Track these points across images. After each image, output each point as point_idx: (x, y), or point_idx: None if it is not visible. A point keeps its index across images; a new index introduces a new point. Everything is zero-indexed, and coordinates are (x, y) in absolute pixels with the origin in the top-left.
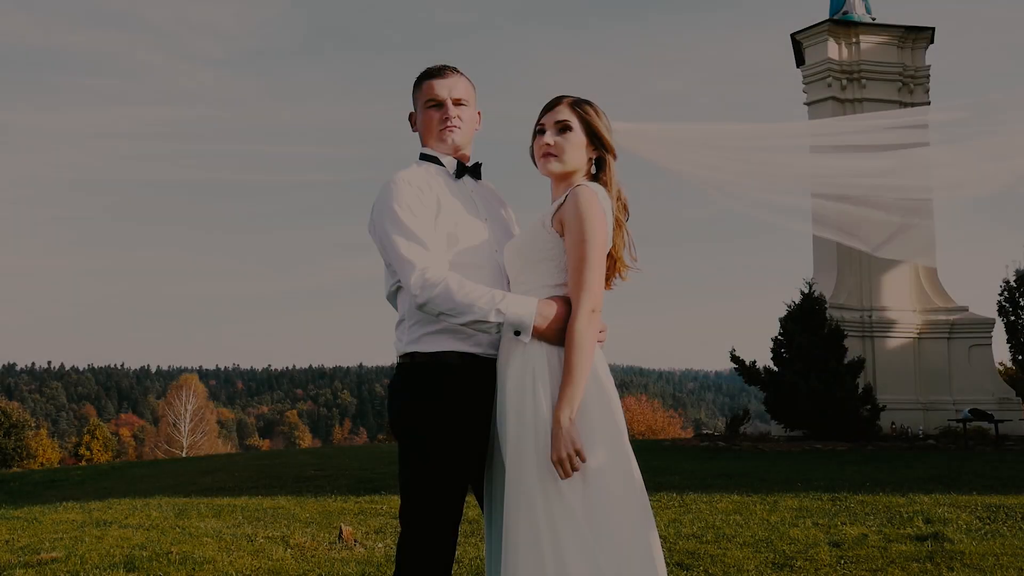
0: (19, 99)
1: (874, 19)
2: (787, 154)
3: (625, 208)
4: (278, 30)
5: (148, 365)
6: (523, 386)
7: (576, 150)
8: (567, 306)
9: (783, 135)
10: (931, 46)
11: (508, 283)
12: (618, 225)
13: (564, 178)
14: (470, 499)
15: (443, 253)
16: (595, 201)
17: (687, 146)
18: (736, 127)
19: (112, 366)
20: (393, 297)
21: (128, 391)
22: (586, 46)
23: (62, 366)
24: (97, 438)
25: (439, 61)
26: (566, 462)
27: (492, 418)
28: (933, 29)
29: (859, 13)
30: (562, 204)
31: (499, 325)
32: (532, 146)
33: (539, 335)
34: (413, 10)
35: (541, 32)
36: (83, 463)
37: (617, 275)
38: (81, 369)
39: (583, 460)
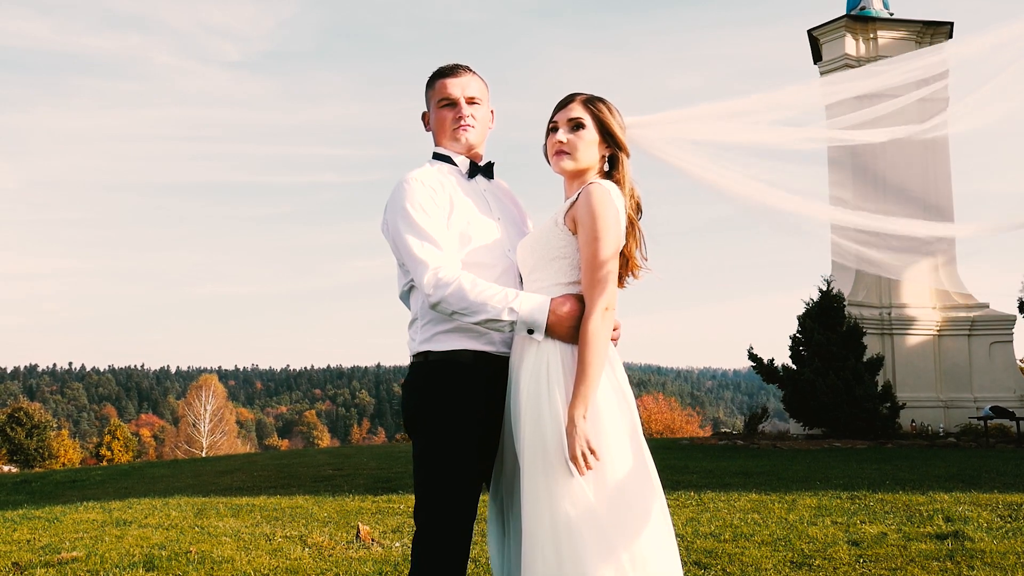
0: (38, 102)
1: (892, 14)
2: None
3: (638, 207)
4: (294, 31)
5: (168, 366)
6: (538, 384)
7: (589, 148)
8: (580, 304)
9: (795, 102)
10: (949, 41)
11: (521, 282)
12: (631, 224)
13: (577, 176)
14: (486, 498)
15: (456, 252)
16: (608, 199)
17: (701, 148)
18: (747, 100)
19: (132, 367)
20: (406, 296)
21: (148, 392)
22: (601, 44)
23: (83, 367)
24: (118, 438)
25: (454, 60)
26: (580, 460)
27: (505, 416)
28: (952, 24)
29: (876, 8)
30: (575, 202)
31: (512, 324)
32: (545, 144)
33: (553, 333)
34: (427, 9)
35: (555, 30)
36: (104, 463)
37: (630, 274)
38: (102, 370)
39: (596, 458)
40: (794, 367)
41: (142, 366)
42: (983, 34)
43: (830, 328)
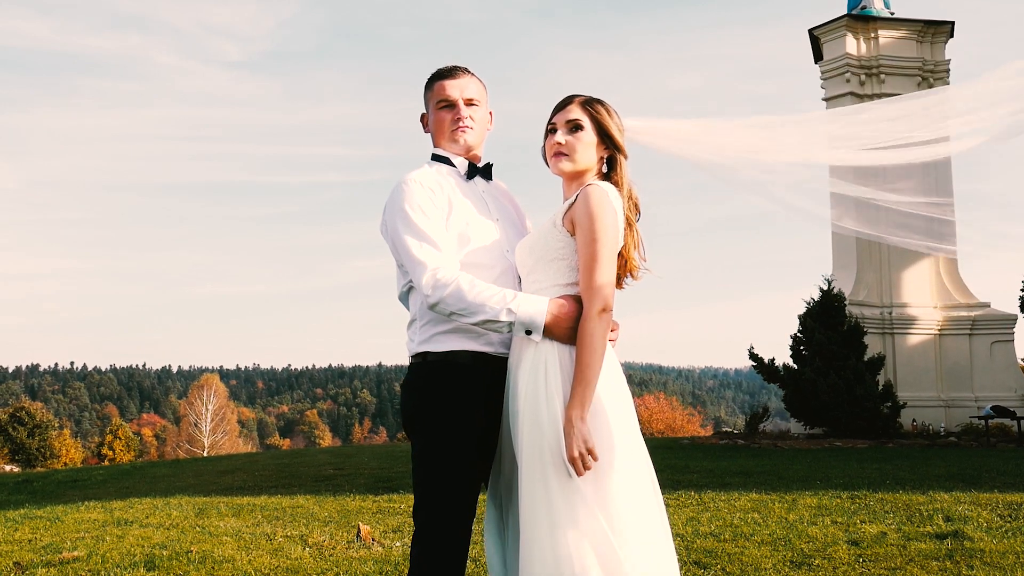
0: (38, 102)
1: (892, 13)
2: (804, 142)
3: (636, 207)
4: (294, 31)
5: (169, 365)
6: (536, 385)
7: (587, 149)
8: (578, 305)
9: (798, 133)
10: (951, 40)
11: (519, 283)
12: (629, 225)
13: (575, 177)
14: (485, 498)
15: (454, 253)
16: (606, 200)
17: (702, 141)
18: (749, 122)
19: (134, 366)
20: (405, 297)
21: (150, 391)
22: (601, 44)
23: (84, 367)
24: (119, 438)
25: (455, 60)
26: (578, 460)
27: (503, 416)
28: (953, 23)
29: (877, 7)
30: (573, 203)
31: (510, 324)
32: (544, 145)
33: (550, 334)
34: (427, 9)
35: (555, 30)
36: (105, 463)
37: (628, 275)
38: (103, 370)
39: (595, 459)
40: (795, 366)
41: (143, 366)
42: (981, 78)
43: (831, 327)
